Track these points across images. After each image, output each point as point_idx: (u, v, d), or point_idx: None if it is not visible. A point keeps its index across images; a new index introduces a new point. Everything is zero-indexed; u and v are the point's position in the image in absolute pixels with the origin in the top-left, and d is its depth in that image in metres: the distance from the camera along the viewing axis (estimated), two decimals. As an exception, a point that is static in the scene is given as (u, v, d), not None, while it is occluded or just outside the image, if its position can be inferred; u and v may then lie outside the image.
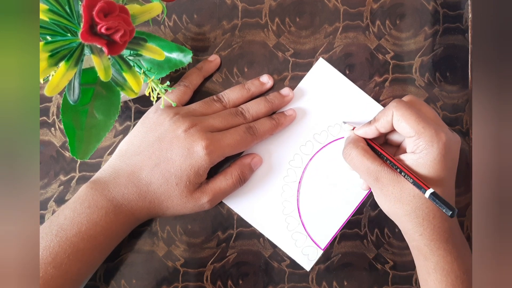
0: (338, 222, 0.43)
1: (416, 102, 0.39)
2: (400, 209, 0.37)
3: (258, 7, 0.45)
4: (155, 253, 0.43)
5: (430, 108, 0.39)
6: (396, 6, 0.45)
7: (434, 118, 0.38)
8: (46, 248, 0.35)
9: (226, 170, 0.42)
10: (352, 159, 0.39)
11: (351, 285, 0.43)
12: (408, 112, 0.36)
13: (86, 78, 0.33)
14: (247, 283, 0.43)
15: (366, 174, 0.38)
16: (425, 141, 0.36)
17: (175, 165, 0.38)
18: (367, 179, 0.38)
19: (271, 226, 0.43)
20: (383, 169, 0.37)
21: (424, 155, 0.36)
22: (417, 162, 0.36)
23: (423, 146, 0.36)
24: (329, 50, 0.45)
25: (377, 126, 0.39)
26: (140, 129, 0.40)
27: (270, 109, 0.43)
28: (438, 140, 0.35)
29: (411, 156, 0.37)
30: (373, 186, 0.39)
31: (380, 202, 0.39)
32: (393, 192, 0.37)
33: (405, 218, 0.37)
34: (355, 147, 0.39)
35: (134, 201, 0.39)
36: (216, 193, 0.40)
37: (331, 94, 0.44)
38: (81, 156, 0.34)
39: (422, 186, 0.35)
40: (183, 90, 0.42)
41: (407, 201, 0.37)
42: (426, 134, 0.36)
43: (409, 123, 0.36)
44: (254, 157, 0.43)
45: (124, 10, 0.27)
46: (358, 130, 0.40)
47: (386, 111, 0.38)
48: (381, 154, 0.38)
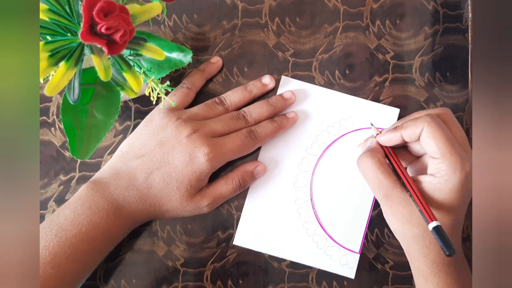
0: (362, 221, 0.43)
1: (448, 119, 0.37)
2: (408, 231, 0.36)
3: (258, 7, 0.45)
4: (155, 253, 0.43)
5: (460, 129, 0.37)
6: (396, 6, 0.45)
7: (462, 141, 0.36)
8: (46, 248, 0.35)
9: (228, 174, 0.42)
10: (365, 168, 0.37)
11: (351, 285, 0.43)
12: (439, 132, 0.35)
13: (86, 78, 0.33)
14: (247, 283, 0.43)
15: (377, 188, 0.37)
16: (448, 167, 0.34)
17: (176, 169, 0.38)
18: (377, 193, 0.37)
19: (301, 251, 0.43)
20: (395, 187, 0.36)
21: (443, 181, 0.35)
22: (435, 187, 0.35)
23: (444, 172, 0.35)
24: (329, 50, 0.45)
25: (403, 134, 0.37)
26: (142, 132, 0.40)
27: (273, 112, 0.43)
28: (462, 169, 0.34)
29: (430, 178, 0.36)
30: (382, 203, 0.37)
31: (388, 220, 0.38)
32: (402, 212, 0.36)
33: (411, 240, 0.36)
34: (371, 157, 0.37)
35: (135, 204, 0.39)
36: (216, 197, 0.41)
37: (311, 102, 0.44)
38: (81, 156, 0.34)
39: (427, 217, 0.33)
40: (185, 92, 0.42)
41: (416, 223, 0.35)
42: (451, 160, 0.34)
43: (437, 143, 0.35)
44: (258, 165, 0.43)
45: (124, 10, 0.27)
46: (381, 136, 0.39)
47: (417, 122, 0.36)
48: (397, 172, 0.37)
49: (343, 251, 0.43)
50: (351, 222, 0.43)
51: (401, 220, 0.36)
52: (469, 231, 0.44)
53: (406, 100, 0.44)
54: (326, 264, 0.43)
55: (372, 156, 0.37)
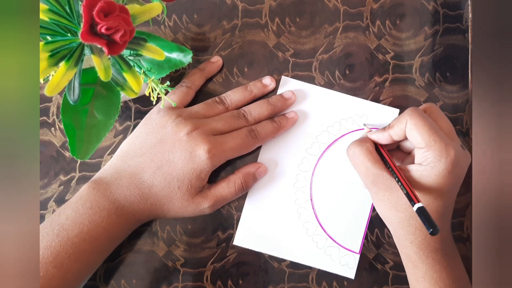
0: (362, 221, 0.43)
1: (434, 112, 0.39)
2: (394, 216, 0.37)
3: (258, 7, 0.45)
4: (155, 253, 0.43)
5: (446, 121, 0.38)
6: (396, 6, 0.45)
7: (448, 131, 0.38)
8: (47, 247, 0.35)
9: (230, 177, 0.42)
10: (353, 156, 0.39)
11: (351, 285, 0.43)
12: (421, 123, 0.36)
13: (86, 78, 0.33)
14: (247, 283, 0.43)
15: (364, 175, 0.38)
16: (433, 155, 0.36)
17: (177, 168, 0.38)
18: (364, 180, 0.38)
19: (301, 251, 0.43)
20: (382, 173, 0.37)
21: (430, 168, 0.36)
22: (422, 174, 0.36)
23: (430, 159, 0.36)
24: (329, 50, 0.45)
25: (390, 133, 0.39)
26: (142, 130, 0.40)
27: (272, 111, 0.43)
28: (447, 155, 0.35)
29: (417, 167, 0.37)
30: (370, 189, 0.39)
31: (376, 206, 0.39)
32: (389, 198, 0.37)
33: (398, 225, 0.37)
34: (359, 145, 0.39)
35: (136, 203, 0.39)
36: (217, 199, 0.40)
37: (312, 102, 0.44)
38: (81, 156, 0.34)
39: (413, 199, 0.34)
40: (185, 91, 0.42)
41: (402, 209, 0.37)
42: (435, 148, 0.35)
43: (421, 133, 0.36)
44: (259, 167, 0.43)
45: (124, 10, 0.27)
46: (372, 134, 0.40)
47: (400, 118, 0.38)
48: (385, 160, 0.38)
49: (343, 251, 0.43)
50: (351, 222, 0.43)
51: (387, 205, 0.37)
52: (469, 231, 0.44)
53: (406, 100, 0.44)
54: (326, 264, 0.43)
55: (360, 145, 0.39)
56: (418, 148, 0.37)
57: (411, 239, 0.37)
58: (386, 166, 0.38)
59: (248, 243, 0.43)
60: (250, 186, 0.43)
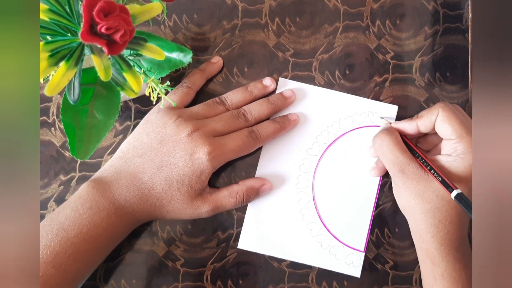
0: (366, 219, 0.43)
1: (460, 110, 0.40)
2: (418, 206, 0.37)
3: (258, 7, 0.45)
4: (155, 253, 0.43)
5: (469, 118, 0.40)
6: (396, 6, 0.45)
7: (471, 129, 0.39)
8: (47, 247, 0.35)
9: (233, 187, 0.42)
10: (382, 145, 0.39)
11: (352, 285, 0.43)
12: (454, 115, 0.37)
13: (86, 78, 0.33)
14: (247, 283, 0.43)
15: (392, 163, 0.38)
16: (464, 146, 0.37)
17: (177, 169, 0.38)
18: (392, 168, 0.39)
19: (306, 251, 0.43)
20: (412, 163, 0.38)
21: (460, 159, 0.37)
22: (451, 164, 0.37)
23: (461, 151, 0.37)
24: (329, 50, 0.45)
25: (418, 123, 0.39)
26: (142, 130, 0.40)
27: (273, 110, 0.43)
28: None
29: (446, 158, 0.38)
30: (397, 178, 0.39)
31: (399, 195, 0.39)
32: (416, 187, 0.37)
33: (420, 216, 0.37)
34: (388, 135, 0.39)
35: (136, 204, 0.39)
36: (216, 205, 0.40)
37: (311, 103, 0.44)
38: (81, 156, 0.34)
39: (451, 185, 0.35)
40: (185, 91, 0.42)
41: (428, 199, 0.37)
42: (467, 140, 0.37)
43: (453, 125, 0.37)
44: (265, 184, 0.42)
45: (124, 10, 0.27)
46: (397, 124, 0.41)
47: (431, 110, 0.39)
48: (413, 150, 0.39)
49: (348, 250, 0.43)
50: (355, 220, 0.43)
51: (413, 194, 0.38)
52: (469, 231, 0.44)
53: (406, 100, 0.44)
54: (331, 264, 0.43)
55: (389, 134, 0.39)
56: (448, 139, 0.38)
57: (433, 233, 0.37)
58: (415, 157, 0.38)
59: (252, 246, 0.43)
60: (252, 200, 0.42)
